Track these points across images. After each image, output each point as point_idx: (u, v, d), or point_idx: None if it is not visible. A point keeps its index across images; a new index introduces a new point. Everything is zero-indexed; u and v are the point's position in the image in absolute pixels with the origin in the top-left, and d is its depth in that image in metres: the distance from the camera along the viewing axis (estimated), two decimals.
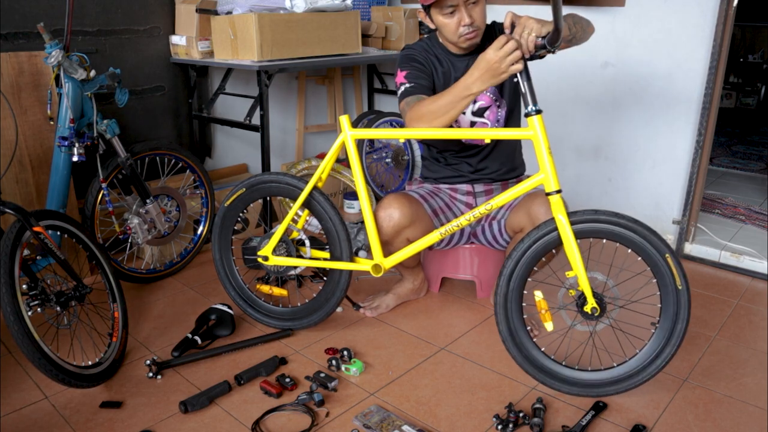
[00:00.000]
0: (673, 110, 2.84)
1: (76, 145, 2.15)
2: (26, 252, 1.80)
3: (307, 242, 2.16)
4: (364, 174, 3.10)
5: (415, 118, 1.89)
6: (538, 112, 1.74)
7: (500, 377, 1.96)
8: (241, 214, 2.25)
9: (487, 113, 2.15)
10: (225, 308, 2.22)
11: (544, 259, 1.89)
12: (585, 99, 3.12)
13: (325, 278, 2.17)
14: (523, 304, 1.83)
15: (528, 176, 1.95)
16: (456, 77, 2.02)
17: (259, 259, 2.16)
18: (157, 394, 1.85)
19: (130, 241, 2.46)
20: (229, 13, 2.78)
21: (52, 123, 2.29)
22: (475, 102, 2.13)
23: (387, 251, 2.13)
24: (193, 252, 2.75)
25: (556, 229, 1.76)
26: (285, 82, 3.55)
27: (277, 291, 2.27)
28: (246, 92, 3.18)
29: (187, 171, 2.70)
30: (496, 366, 2.01)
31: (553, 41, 1.66)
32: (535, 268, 1.82)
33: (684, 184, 2.88)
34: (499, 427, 1.68)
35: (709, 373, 1.98)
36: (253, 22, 2.59)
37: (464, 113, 2.15)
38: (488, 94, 2.14)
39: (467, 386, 1.91)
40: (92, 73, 2.18)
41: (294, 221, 2.18)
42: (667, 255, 1.72)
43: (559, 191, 1.75)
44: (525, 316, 1.84)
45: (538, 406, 1.75)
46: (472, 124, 2.17)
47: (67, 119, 2.14)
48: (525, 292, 1.82)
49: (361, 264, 2.09)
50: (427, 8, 1.97)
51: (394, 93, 3.80)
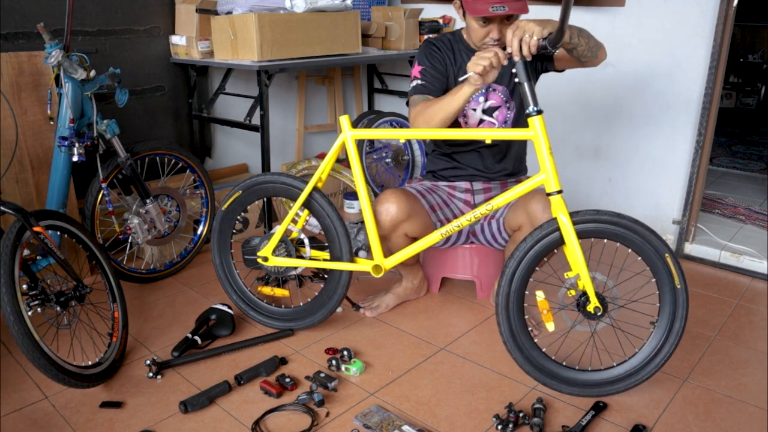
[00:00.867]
0: (673, 110, 2.84)
1: (76, 145, 2.15)
2: (26, 252, 1.80)
3: (307, 242, 2.17)
4: (364, 174, 3.09)
5: (416, 117, 1.97)
6: (539, 112, 1.74)
7: (500, 377, 1.96)
8: (240, 216, 2.25)
9: (496, 113, 2.17)
10: (225, 308, 2.22)
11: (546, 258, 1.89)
12: (585, 99, 3.12)
13: (326, 277, 2.17)
14: (524, 305, 1.83)
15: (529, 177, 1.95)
16: None
17: (259, 260, 2.16)
18: (157, 394, 1.85)
19: (130, 241, 2.46)
20: (229, 13, 2.78)
21: (52, 123, 2.29)
22: (486, 100, 2.16)
23: (386, 247, 2.13)
24: (193, 252, 2.75)
25: (558, 229, 1.76)
26: (285, 82, 3.55)
27: (279, 292, 2.26)
28: (246, 92, 3.18)
29: (187, 171, 2.70)
30: (496, 366, 2.02)
31: (554, 42, 1.66)
32: (537, 268, 1.82)
33: (684, 184, 2.88)
34: (499, 427, 1.68)
35: (709, 373, 1.98)
36: (253, 22, 2.59)
37: (474, 110, 2.17)
38: (500, 94, 2.16)
39: (467, 386, 1.91)
40: (92, 73, 2.18)
41: (294, 221, 2.18)
42: (666, 255, 1.73)
43: (560, 191, 1.75)
44: (526, 317, 1.84)
45: (538, 406, 1.75)
46: (481, 122, 2.19)
47: (67, 119, 2.14)
48: (527, 292, 1.82)
49: (361, 264, 2.09)
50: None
51: (394, 93, 3.80)
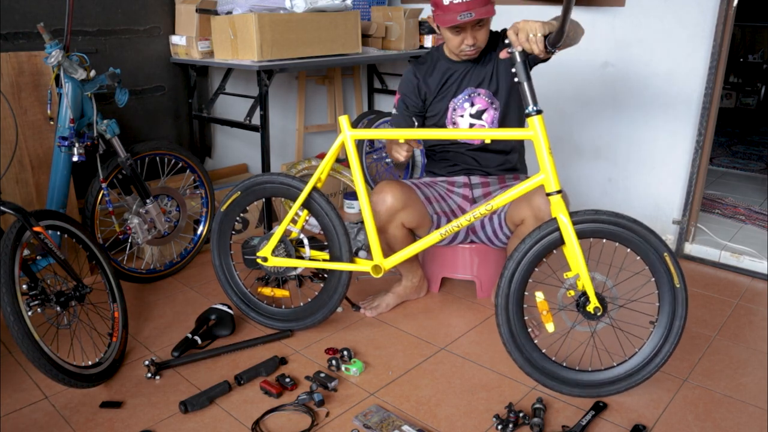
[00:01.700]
0: (673, 110, 2.84)
1: (76, 145, 2.15)
2: (26, 252, 1.80)
3: (306, 242, 2.17)
4: (364, 174, 3.09)
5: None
6: (539, 112, 1.74)
7: (500, 377, 1.96)
8: (239, 216, 2.25)
9: (484, 116, 2.22)
10: (225, 308, 2.22)
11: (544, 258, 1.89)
12: (585, 99, 3.12)
13: (326, 277, 2.17)
14: (524, 306, 1.83)
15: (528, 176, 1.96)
16: (456, 78, 2.20)
17: (258, 260, 2.16)
18: (157, 394, 1.85)
19: (130, 241, 2.46)
20: (229, 13, 2.78)
21: (52, 123, 2.29)
22: (473, 105, 2.21)
23: (384, 241, 2.15)
24: (193, 252, 2.75)
25: (557, 229, 1.76)
26: (285, 82, 3.55)
27: (279, 292, 2.27)
28: (246, 92, 3.18)
29: (187, 171, 2.70)
30: (496, 366, 2.01)
31: (555, 42, 1.66)
32: (536, 269, 1.82)
33: (684, 184, 2.87)
34: (499, 427, 1.68)
35: (709, 373, 1.98)
36: (253, 22, 2.59)
37: (462, 116, 2.22)
38: (484, 97, 2.20)
39: (467, 386, 1.91)
40: (92, 73, 2.18)
41: (293, 221, 2.18)
42: (665, 254, 1.73)
43: (559, 191, 1.75)
44: (526, 318, 1.84)
45: (538, 406, 1.75)
46: (471, 126, 2.23)
47: (67, 119, 2.14)
48: (526, 293, 1.82)
49: (361, 265, 2.09)
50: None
51: (393, 93, 3.79)
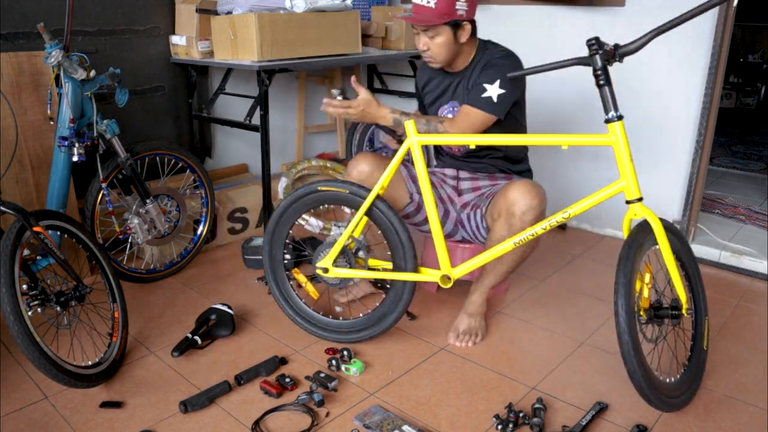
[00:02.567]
0: (673, 110, 2.84)
1: (76, 145, 2.15)
2: (26, 252, 1.79)
3: (362, 251, 2.08)
4: (430, 180, 3.04)
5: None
6: (620, 118, 1.70)
7: (500, 377, 1.96)
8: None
9: None
10: (225, 308, 2.21)
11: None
12: (585, 99, 3.11)
13: (387, 287, 2.10)
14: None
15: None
16: (444, 88, 2.22)
17: (319, 271, 2.09)
18: (157, 394, 1.85)
19: (130, 241, 2.46)
20: (229, 13, 2.78)
21: (52, 123, 2.29)
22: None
23: None
24: (193, 252, 2.75)
25: (652, 231, 1.73)
26: (285, 82, 3.55)
27: (311, 289, 2.20)
28: (246, 92, 3.18)
29: (187, 171, 2.70)
30: (496, 366, 2.02)
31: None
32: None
33: (684, 184, 2.87)
34: (499, 427, 1.68)
35: (709, 373, 1.98)
36: (253, 22, 2.59)
37: None
38: (456, 108, 2.19)
39: (467, 386, 1.91)
40: (92, 73, 2.18)
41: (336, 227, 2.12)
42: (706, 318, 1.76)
43: (640, 199, 1.71)
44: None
45: (538, 406, 1.75)
46: None
47: (67, 119, 2.14)
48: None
49: (428, 275, 2.02)
50: None
51: (394, 93, 3.82)
